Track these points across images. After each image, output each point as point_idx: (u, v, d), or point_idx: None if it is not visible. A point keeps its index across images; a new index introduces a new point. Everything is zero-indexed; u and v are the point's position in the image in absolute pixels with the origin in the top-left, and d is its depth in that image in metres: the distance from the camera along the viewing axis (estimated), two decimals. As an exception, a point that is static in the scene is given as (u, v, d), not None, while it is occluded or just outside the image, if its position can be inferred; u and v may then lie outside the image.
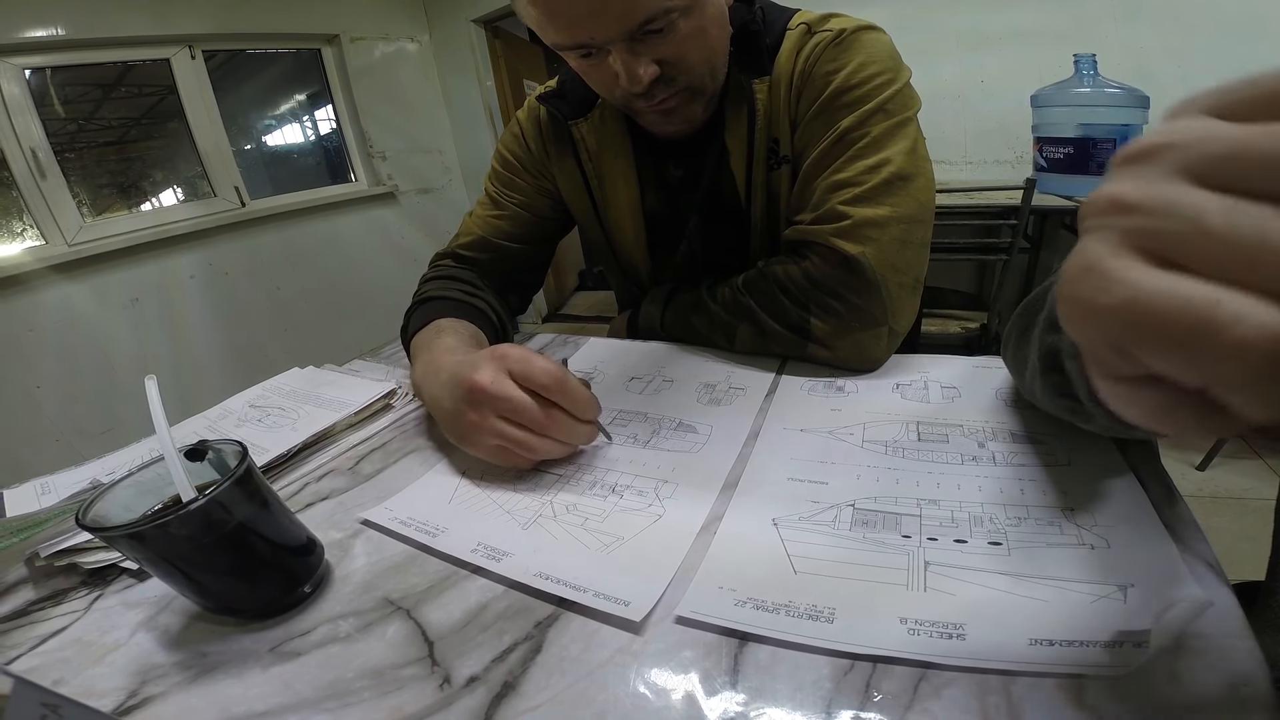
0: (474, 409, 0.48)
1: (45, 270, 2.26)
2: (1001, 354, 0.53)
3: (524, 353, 0.49)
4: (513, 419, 0.47)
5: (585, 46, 0.58)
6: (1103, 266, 0.16)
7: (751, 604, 0.34)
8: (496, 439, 0.48)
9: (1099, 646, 0.28)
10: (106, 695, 0.33)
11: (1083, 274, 0.17)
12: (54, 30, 2.26)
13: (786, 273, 0.63)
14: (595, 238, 0.85)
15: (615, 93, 0.63)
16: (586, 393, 0.49)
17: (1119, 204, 0.17)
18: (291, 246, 3.03)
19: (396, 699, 0.31)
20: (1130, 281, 0.15)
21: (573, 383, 0.48)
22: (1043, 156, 1.98)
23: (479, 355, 0.51)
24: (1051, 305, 0.36)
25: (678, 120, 0.67)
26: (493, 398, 0.47)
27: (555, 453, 0.49)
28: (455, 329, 0.66)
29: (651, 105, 0.63)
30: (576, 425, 0.49)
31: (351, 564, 0.42)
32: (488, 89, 3.51)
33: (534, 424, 0.47)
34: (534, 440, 0.47)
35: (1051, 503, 0.39)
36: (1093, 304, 0.16)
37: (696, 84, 0.64)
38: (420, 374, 0.60)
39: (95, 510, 0.35)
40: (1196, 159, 0.16)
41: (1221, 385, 0.15)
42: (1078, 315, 0.17)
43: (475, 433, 0.49)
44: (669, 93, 0.62)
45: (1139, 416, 0.19)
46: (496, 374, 0.48)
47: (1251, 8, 1.89)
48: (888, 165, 0.60)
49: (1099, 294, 0.16)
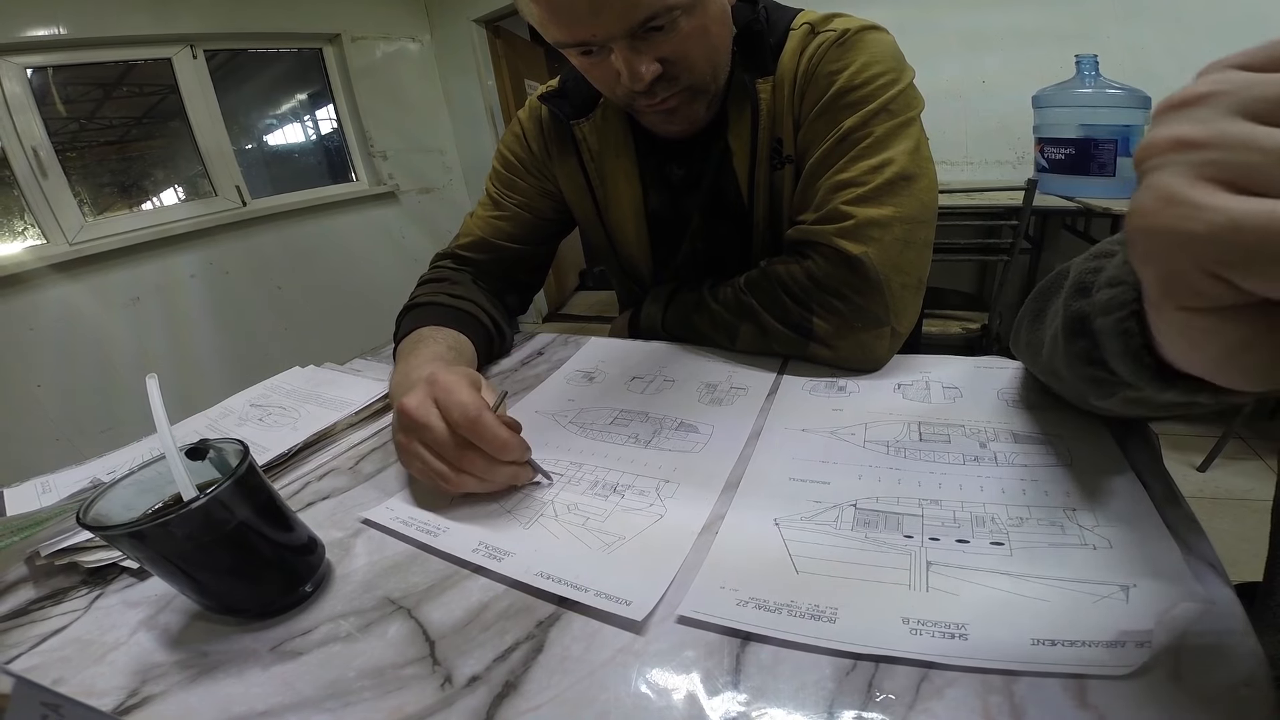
0: (402, 431, 0.47)
1: (46, 269, 2.26)
2: (1012, 341, 0.53)
3: (453, 382, 0.46)
4: (430, 449, 0.46)
5: (587, 44, 0.57)
6: (1187, 195, 0.17)
7: (753, 604, 0.34)
8: (418, 462, 0.46)
9: (1101, 646, 0.28)
10: (107, 694, 0.33)
11: (1165, 204, 0.17)
12: (56, 29, 2.27)
13: (789, 272, 0.63)
14: (597, 238, 0.85)
15: (617, 91, 0.63)
16: (504, 435, 0.45)
17: (1184, 142, 0.17)
18: (292, 246, 3.03)
19: (397, 698, 0.31)
20: (1225, 206, 0.16)
21: (487, 424, 0.44)
22: (1044, 157, 1.98)
23: (421, 377, 0.49)
24: (1077, 275, 0.36)
25: (680, 120, 0.67)
26: (414, 423, 0.46)
27: (475, 488, 0.46)
28: (435, 338, 0.65)
29: (653, 104, 0.63)
30: (495, 465, 0.45)
31: (352, 563, 0.42)
32: (489, 89, 3.51)
33: (447, 458, 0.45)
34: (449, 474, 0.45)
35: (1053, 503, 0.39)
36: (1186, 230, 0.17)
37: (699, 83, 0.63)
38: (394, 384, 0.60)
39: (96, 509, 0.35)
40: (1252, 100, 0.17)
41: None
42: (1166, 245, 0.18)
43: (403, 454, 0.48)
44: (671, 91, 0.62)
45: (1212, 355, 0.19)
46: (423, 400, 0.46)
47: (1252, 8, 1.89)
48: (891, 165, 0.60)
49: (1190, 221, 0.17)
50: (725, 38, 0.64)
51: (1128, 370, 0.29)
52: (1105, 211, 1.78)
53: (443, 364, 0.58)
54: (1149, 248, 0.18)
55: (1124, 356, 0.28)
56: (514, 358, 0.78)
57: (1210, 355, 0.19)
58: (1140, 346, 0.27)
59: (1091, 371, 0.33)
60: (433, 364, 0.58)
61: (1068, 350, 0.35)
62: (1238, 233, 0.16)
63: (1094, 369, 0.33)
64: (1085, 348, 0.33)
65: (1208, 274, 0.17)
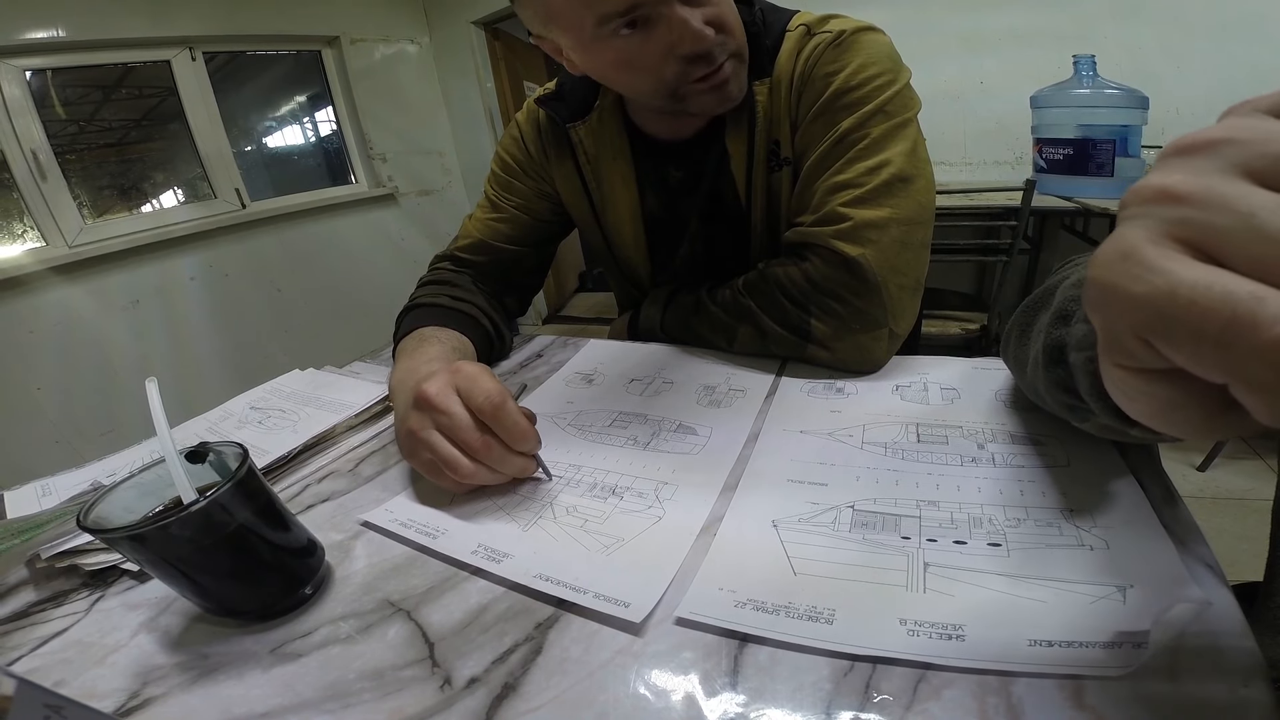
0: (416, 417, 0.47)
1: (46, 272, 2.26)
2: (1001, 351, 0.53)
3: (477, 371, 0.47)
4: (449, 435, 0.46)
5: (639, 5, 0.55)
6: (1141, 254, 0.16)
7: (751, 605, 0.34)
8: (429, 452, 0.46)
9: (1098, 647, 0.28)
10: (108, 696, 0.33)
11: (1119, 259, 0.17)
12: (55, 32, 2.27)
13: (787, 274, 0.63)
14: (595, 240, 0.85)
15: (667, 70, 0.60)
16: (525, 425, 0.46)
17: (1167, 193, 0.16)
18: (292, 248, 3.04)
19: (397, 700, 0.31)
20: (1169, 271, 0.15)
21: (510, 411, 0.45)
22: (1042, 157, 1.98)
23: (440, 366, 0.49)
24: (1060, 301, 0.36)
25: (733, 89, 0.64)
26: (434, 408, 0.46)
27: (484, 479, 0.46)
28: (438, 337, 0.65)
29: (711, 73, 0.61)
30: (509, 455, 0.46)
31: (352, 565, 0.42)
32: (488, 91, 3.51)
33: (467, 444, 0.45)
34: (462, 462, 0.45)
35: (1051, 504, 0.39)
36: (1126, 291, 0.16)
37: (740, 49, 0.63)
38: (396, 381, 0.58)
39: (96, 512, 0.35)
40: (1258, 157, 0.15)
41: (1247, 384, 0.15)
42: (1108, 300, 0.17)
43: (411, 440, 0.47)
44: (725, 55, 0.61)
45: (1145, 411, 0.19)
46: (445, 386, 0.47)
47: (1250, 8, 1.90)
48: (888, 167, 0.60)
49: (1134, 281, 0.16)
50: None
51: (1095, 406, 0.29)
52: (1103, 212, 1.78)
53: (446, 363, 0.58)
54: (1096, 299, 0.18)
55: (1091, 392, 0.28)
56: (513, 360, 0.78)
57: (1142, 411, 0.19)
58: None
59: (1066, 399, 0.34)
60: (436, 362, 0.58)
61: (1047, 375, 0.35)
62: (1170, 301, 0.15)
63: (1069, 397, 0.33)
64: (1062, 376, 0.33)
65: (1138, 336, 0.17)
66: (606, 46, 0.58)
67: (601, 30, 0.56)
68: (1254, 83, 1.90)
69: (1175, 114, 2.03)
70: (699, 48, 0.57)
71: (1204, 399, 0.17)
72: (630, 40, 0.57)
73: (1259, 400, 0.15)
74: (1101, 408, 0.28)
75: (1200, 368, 0.15)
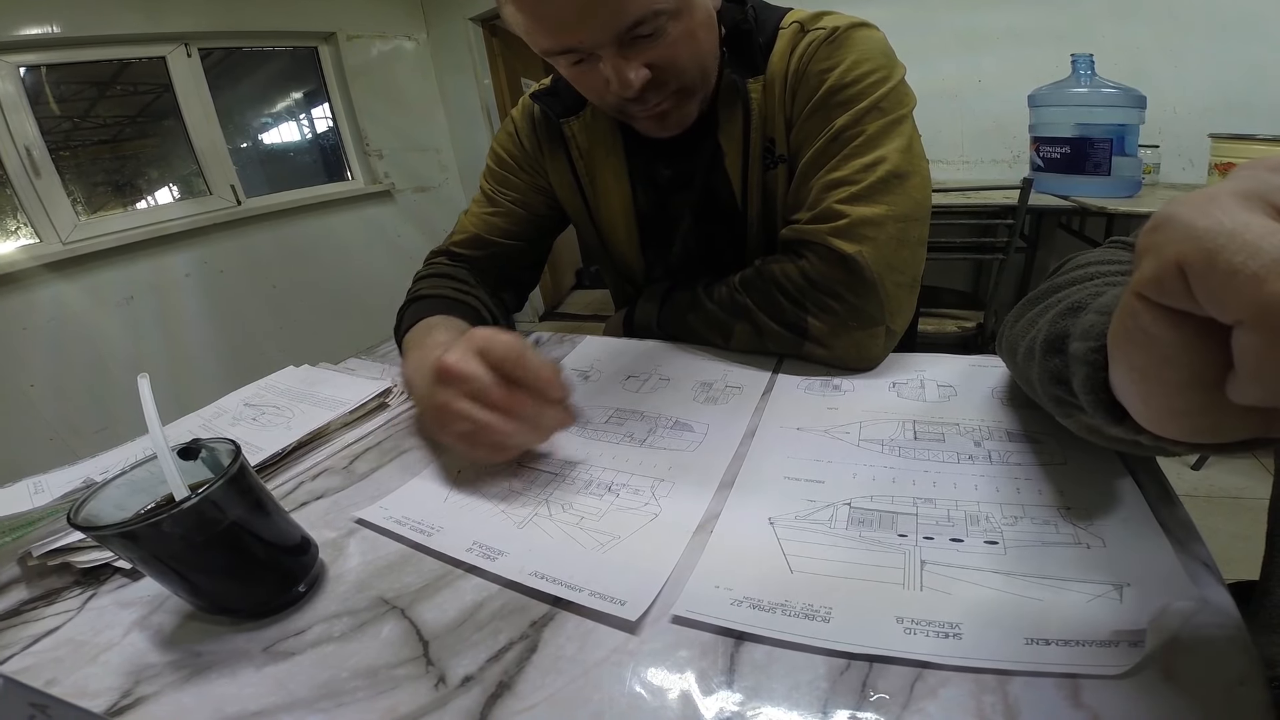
0: (443, 389, 0.47)
1: (39, 268, 2.25)
2: (997, 341, 0.53)
3: (490, 331, 0.48)
4: (479, 400, 0.46)
5: (574, 51, 0.57)
6: (1224, 200, 0.17)
7: (748, 603, 0.34)
8: (464, 422, 0.46)
9: (1095, 646, 0.28)
10: (100, 695, 0.33)
11: (1202, 199, 0.17)
12: (49, 28, 2.25)
13: (784, 271, 0.63)
14: (589, 236, 0.85)
15: (607, 99, 0.63)
16: (550, 369, 0.47)
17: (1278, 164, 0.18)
18: (287, 245, 3.02)
19: (391, 699, 0.31)
20: (1241, 216, 0.16)
21: (533, 358, 0.46)
22: (1039, 156, 1.99)
23: (455, 340, 0.50)
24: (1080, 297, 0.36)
25: (672, 124, 0.67)
26: (457, 375, 0.46)
27: (524, 438, 0.47)
28: (448, 325, 0.65)
29: (646, 110, 0.63)
30: (544, 407, 0.47)
31: (346, 563, 0.42)
32: (485, 87, 3.50)
33: (496, 403, 0.45)
34: (499, 422, 0.45)
35: (1048, 502, 0.39)
36: (1190, 221, 0.17)
37: (689, 86, 0.64)
38: (411, 369, 0.59)
39: (87, 509, 0.34)
40: None
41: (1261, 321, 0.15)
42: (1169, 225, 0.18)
43: (444, 415, 0.47)
44: (661, 96, 0.62)
45: (1138, 362, 0.20)
46: (464, 354, 0.47)
47: (1248, 7, 1.90)
48: (883, 163, 0.60)
49: (1203, 216, 0.17)
50: (712, 41, 0.64)
51: (1085, 398, 0.29)
52: (1100, 210, 1.78)
53: None
54: (1157, 222, 0.19)
55: (1085, 383, 0.29)
56: (509, 357, 0.78)
57: (1135, 364, 0.20)
58: (1102, 381, 0.28)
59: (1056, 390, 0.34)
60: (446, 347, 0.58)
61: (1043, 364, 0.35)
62: (1228, 238, 0.16)
63: (1059, 389, 0.34)
64: (1058, 366, 0.33)
65: (1178, 265, 0.17)
66: (558, 63, 0.62)
67: (548, 56, 0.60)
68: (1251, 82, 1.91)
69: (1173, 113, 2.04)
70: (625, 94, 0.60)
71: (1196, 359, 0.18)
72: (573, 70, 0.62)
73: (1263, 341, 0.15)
74: (1091, 402, 0.29)
75: (1223, 302, 0.16)
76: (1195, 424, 0.20)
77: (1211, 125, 1.82)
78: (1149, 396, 0.21)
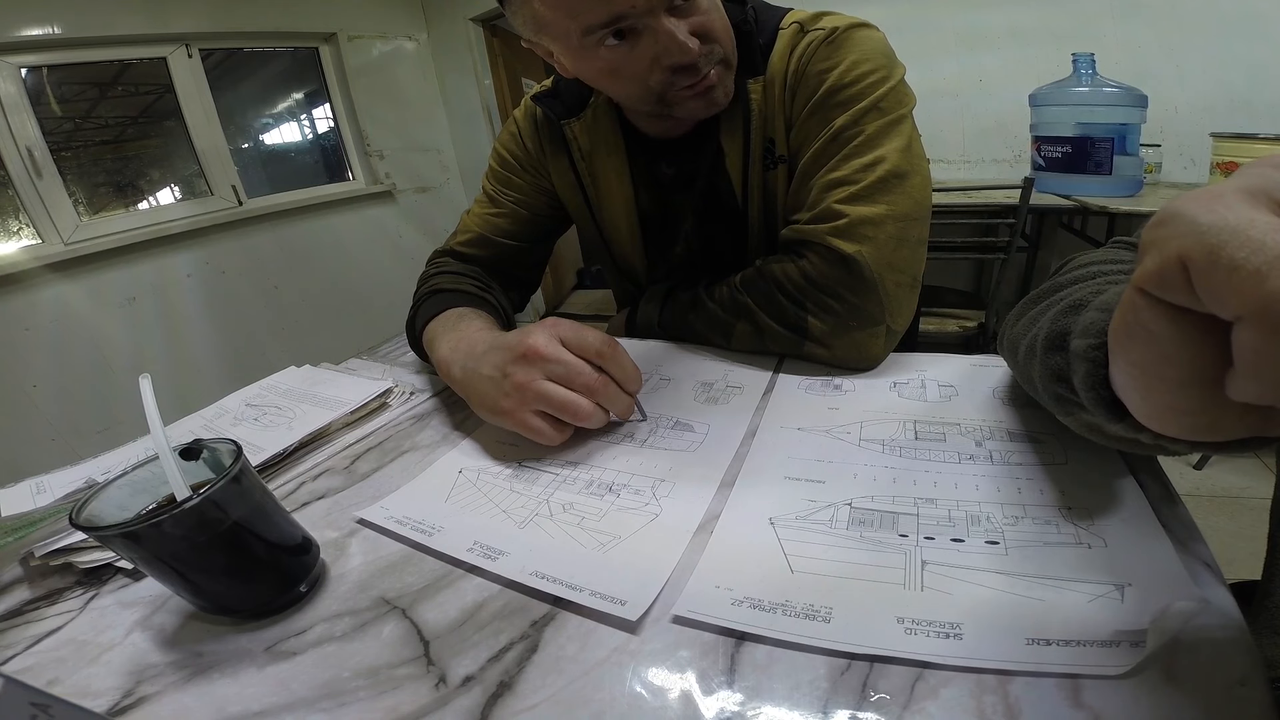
0: (523, 371, 0.50)
1: (41, 269, 2.25)
2: (998, 340, 0.53)
3: (575, 324, 0.52)
4: (565, 382, 0.49)
5: (624, 17, 0.55)
6: (1229, 197, 0.17)
7: (748, 603, 0.34)
8: (540, 403, 0.49)
9: (1096, 646, 0.28)
10: (102, 695, 0.33)
11: (1207, 196, 0.18)
12: (50, 29, 2.25)
13: (784, 271, 0.63)
14: (591, 237, 0.85)
15: (653, 79, 0.60)
16: (635, 366, 0.52)
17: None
18: (289, 245, 3.02)
19: (392, 698, 0.31)
20: (1245, 213, 0.16)
21: (623, 353, 0.52)
22: (1041, 155, 1.98)
23: (529, 326, 0.53)
24: (1081, 295, 0.36)
25: (720, 96, 0.64)
26: (546, 359, 0.49)
27: (596, 419, 0.51)
28: (480, 315, 0.66)
29: (696, 82, 0.61)
30: (621, 395, 0.52)
31: (347, 563, 0.42)
32: (486, 88, 3.50)
33: (586, 386, 0.49)
34: (583, 403, 0.49)
35: (1049, 501, 0.39)
36: (1195, 216, 0.17)
37: (728, 55, 0.63)
38: (450, 350, 0.59)
39: (89, 510, 0.34)
40: None
41: (1261, 318, 0.15)
42: (1173, 220, 0.18)
43: (518, 395, 0.50)
44: (710, 65, 0.61)
45: (1137, 358, 0.20)
46: (551, 339, 0.50)
47: (1249, 7, 1.89)
48: (883, 163, 0.60)
49: (1207, 212, 0.17)
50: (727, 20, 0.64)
51: (1086, 395, 0.29)
52: (1102, 210, 1.78)
53: (499, 332, 0.60)
54: (1162, 218, 0.19)
55: (1085, 380, 0.29)
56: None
57: (1134, 359, 0.20)
58: (1102, 378, 0.28)
59: (1057, 388, 0.34)
60: (490, 331, 0.60)
61: (1044, 362, 0.35)
62: (1231, 234, 0.16)
63: (1060, 387, 0.34)
64: (1059, 363, 0.33)
65: (1180, 261, 0.17)
66: (594, 55, 0.59)
67: (588, 40, 0.57)
68: (1253, 81, 1.90)
69: (1174, 112, 2.03)
70: (684, 59, 0.58)
71: (1196, 356, 0.18)
72: (616, 51, 0.58)
73: (1262, 337, 0.15)
74: (1092, 400, 0.29)
75: (1223, 297, 0.16)
76: (1194, 421, 0.20)
77: (1213, 124, 1.82)
78: (1149, 393, 0.21)
